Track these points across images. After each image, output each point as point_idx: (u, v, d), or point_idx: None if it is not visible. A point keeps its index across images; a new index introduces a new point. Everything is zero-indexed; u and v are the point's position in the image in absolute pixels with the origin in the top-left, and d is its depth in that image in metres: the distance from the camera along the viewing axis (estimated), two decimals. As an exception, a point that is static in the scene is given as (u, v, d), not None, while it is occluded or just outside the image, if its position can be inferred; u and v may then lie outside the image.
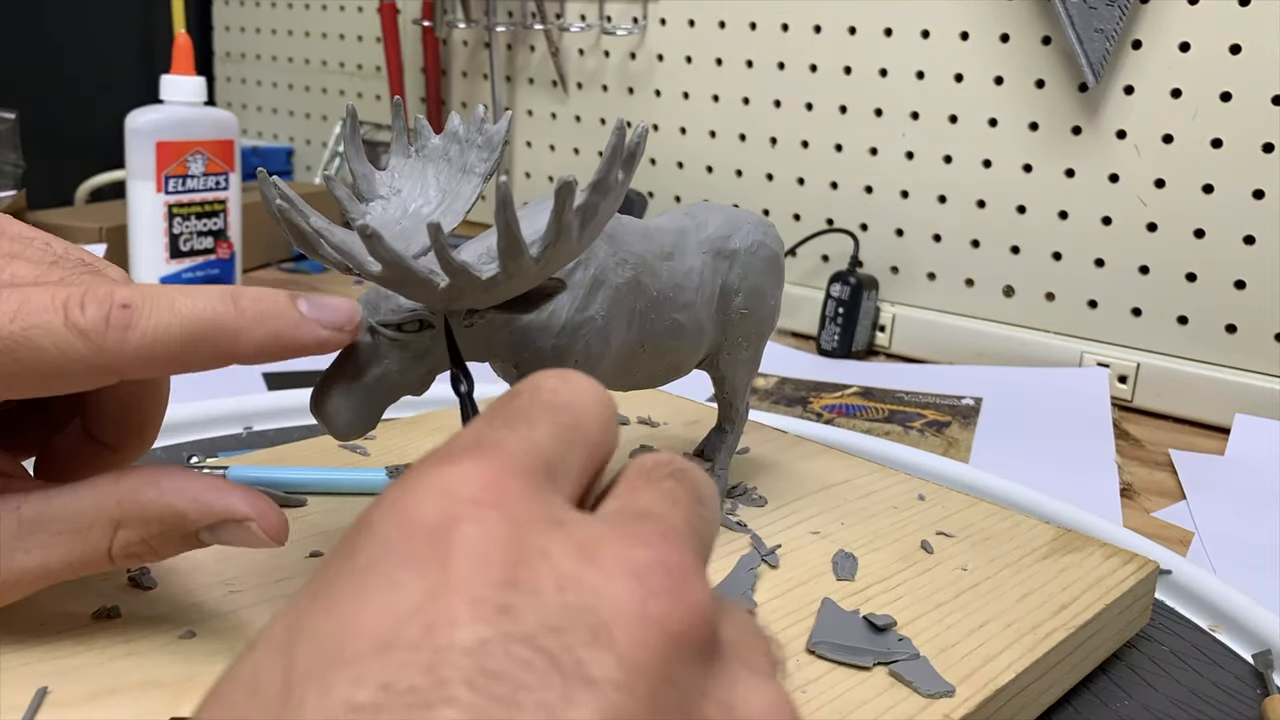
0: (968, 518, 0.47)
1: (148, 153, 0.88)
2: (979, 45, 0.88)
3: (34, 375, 0.28)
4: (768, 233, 0.46)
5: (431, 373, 0.36)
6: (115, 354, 0.28)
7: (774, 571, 0.41)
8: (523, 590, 0.16)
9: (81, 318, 0.28)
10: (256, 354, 0.30)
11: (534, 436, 0.20)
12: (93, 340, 0.28)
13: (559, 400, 0.21)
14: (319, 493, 0.46)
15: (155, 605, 0.36)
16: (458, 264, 0.30)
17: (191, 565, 0.38)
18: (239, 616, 0.36)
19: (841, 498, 0.48)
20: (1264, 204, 0.77)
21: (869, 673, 0.35)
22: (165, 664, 0.33)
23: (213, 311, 0.29)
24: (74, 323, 0.28)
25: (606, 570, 0.17)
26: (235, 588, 0.37)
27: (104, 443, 0.35)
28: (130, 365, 0.29)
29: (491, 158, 0.37)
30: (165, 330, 0.29)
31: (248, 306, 0.30)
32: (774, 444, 0.54)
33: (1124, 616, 0.43)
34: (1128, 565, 0.44)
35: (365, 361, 0.34)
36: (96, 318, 0.28)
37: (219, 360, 0.30)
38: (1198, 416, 0.80)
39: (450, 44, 1.27)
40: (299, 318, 0.30)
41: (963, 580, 0.42)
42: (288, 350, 0.30)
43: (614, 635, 0.16)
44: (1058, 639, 0.38)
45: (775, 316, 0.47)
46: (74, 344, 0.28)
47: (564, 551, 0.17)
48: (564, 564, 0.17)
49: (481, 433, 0.20)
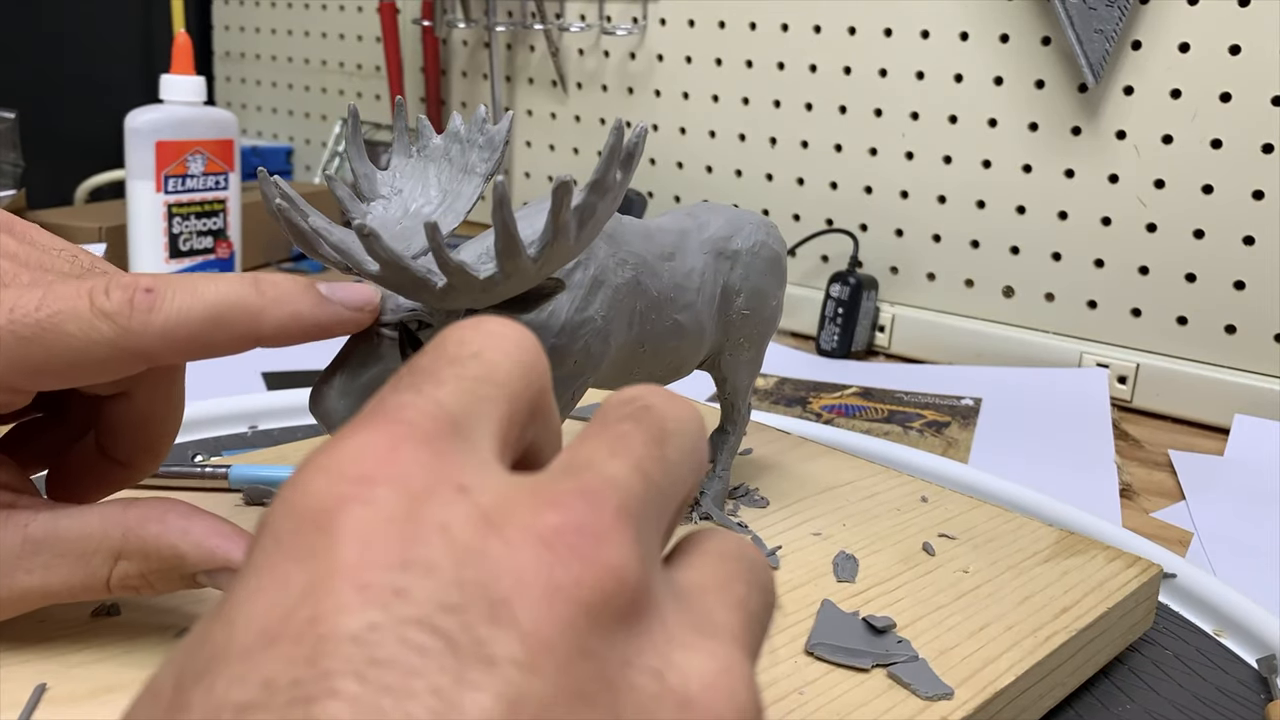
0: (970, 520, 0.47)
1: (147, 152, 0.88)
2: (979, 46, 0.88)
3: (62, 363, 0.29)
4: (770, 233, 0.46)
5: None
6: (140, 335, 0.29)
7: (774, 573, 0.41)
8: (417, 570, 0.15)
9: (107, 302, 0.28)
10: (277, 334, 0.30)
11: (439, 395, 0.18)
12: (118, 323, 0.28)
13: (466, 351, 0.19)
14: None
15: (155, 604, 0.36)
16: (455, 264, 0.30)
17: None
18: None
19: (844, 499, 0.48)
20: (1264, 204, 0.77)
21: (867, 674, 0.35)
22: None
23: (234, 293, 0.30)
24: (99, 307, 0.28)
25: (510, 540, 0.16)
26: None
27: (116, 459, 0.35)
28: (155, 347, 0.29)
29: (493, 158, 0.37)
30: (188, 312, 0.29)
31: (268, 289, 0.30)
32: (777, 445, 0.54)
33: (1126, 620, 0.43)
34: (1131, 569, 0.44)
35: (364, 361, 0.34)
36: (121, 301, 0.28)
37: (241, 342, 0.30)
38: (1197, 417, 0.80)
39: (450, 44, 1.27)
40: (319, 298, 0.31)
41: (964, 582, 0.41)
42: (308, 331, 0.31)
43: (516, 611, 0.15)
44: (1059, 642, 0.38)
45: (777, 317, 0.47)
46: (100, 328, 0.28)
47: (465, 522, 0.16)
48: (464, 536, 0.16)
49: (382, 399, 0.18)
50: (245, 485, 0.45)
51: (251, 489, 0.45)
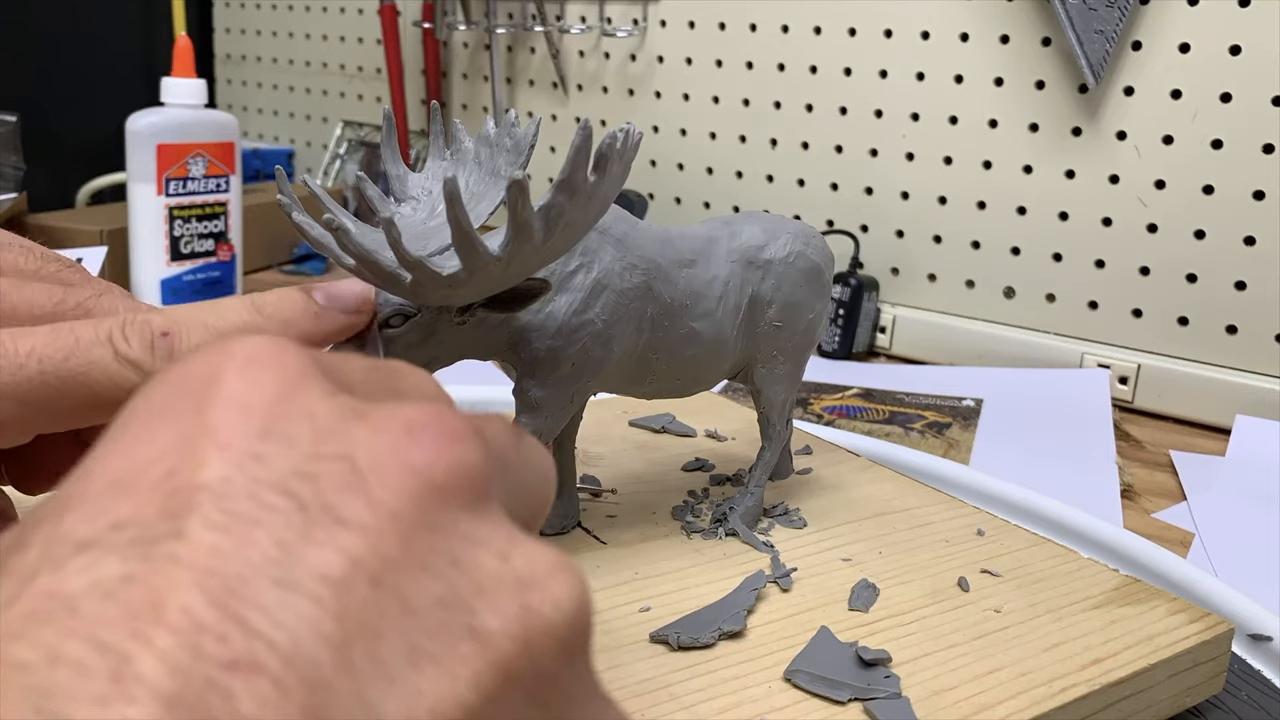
0: (1024, 557, 0.44)
1: (148, 155, 0.88)
2: (979, 46, 0.88)
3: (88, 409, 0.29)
4: (809, 243, 0.44)
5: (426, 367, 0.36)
6: None
7: (783, 595, 0.40)
8: (278, 440, 0.16)
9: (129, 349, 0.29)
10: None
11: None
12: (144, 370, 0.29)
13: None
14: None
15: None
16: (414, 259, 0.31)
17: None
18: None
19: (891, 526, 0.46)
20: (1264, 205, 0.77)
21: (843, 708, 0.33)
22: None
23: (242, 323, 0.30)
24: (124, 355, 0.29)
25: (375, 426, 0.16)
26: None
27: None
28: None
29: (518, 161, 0.38)
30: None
31: (272, 312, 0.31)
32: (842, 466, 0.53)
33: (1181, 680, 0.39)
34: (1194, 624, 0.40)
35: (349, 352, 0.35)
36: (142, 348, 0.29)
37: None
38: (1198, 417, 0.80)
39: (450, 46, 1.27)
40: (318, 309, 0.32)
41: (989, 622, 0.39)
42: (316, 344, 0.32)
43: (369, 482, 0.15)
44: (1075, 695, 0.35)
45: (816, 331, 0.45)
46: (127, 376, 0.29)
47: (332, 413, 0.16)
48: (329, 422, 0.16)
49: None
50: None
51: None
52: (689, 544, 0.44)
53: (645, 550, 0.43)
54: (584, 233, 0.34)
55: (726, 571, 0.41)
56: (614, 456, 0.53)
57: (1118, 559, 0.51)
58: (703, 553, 0.43)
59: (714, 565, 0.42)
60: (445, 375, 0.49)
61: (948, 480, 0.59)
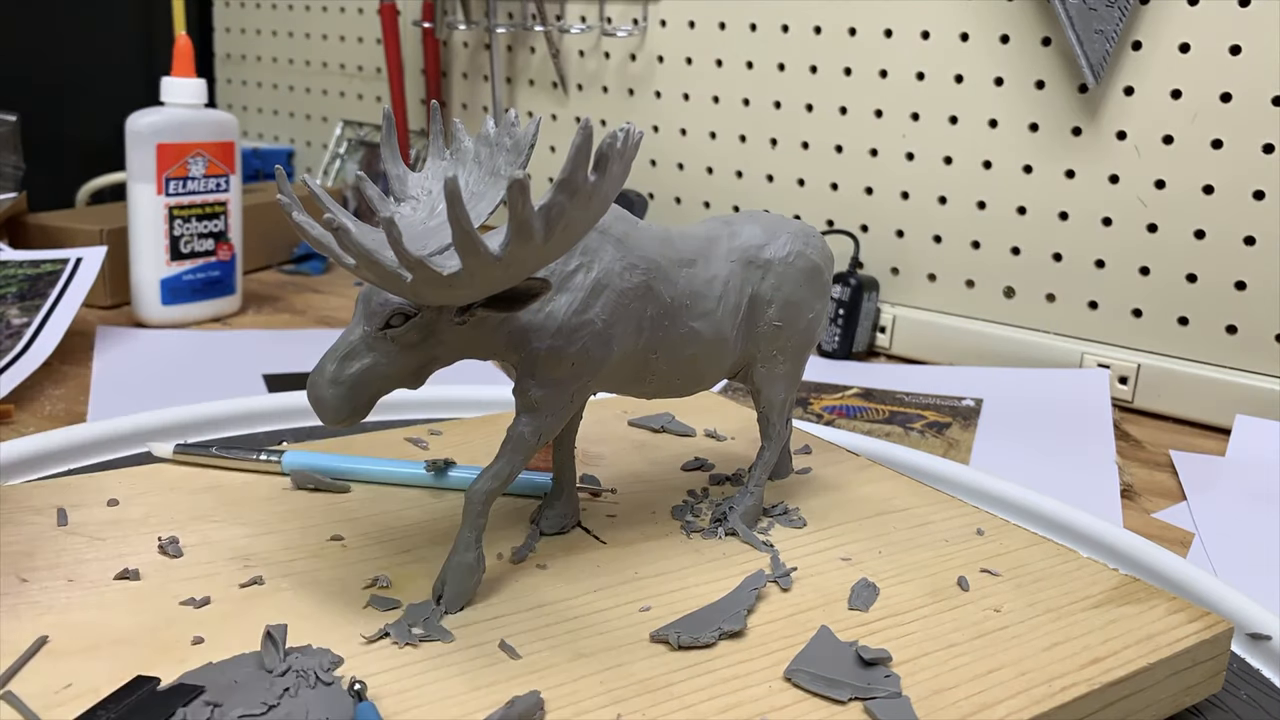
0: (1023, 557, 0.44)
1: (148, 155, 0.88)
2: (979, 46, 0.88)
3: None
4: (809, 243, 0.44)
5: (425, 367, 0.37)
6: None
7: (783, 594, 0.40)
8: None
9: None
10: None
11: None
12: None
13: None
14: (363, 481, 0.48)
15: (173, 573, 0.38)
16: (414, 258, 0.31)
17: (218, 539, 0.41)
18: (250, 590, 0.38)
19: (890, 526, 0.46)
20: (1264, 205, 0.77)
21: (843, 707, 0.33)
22: (161, 627, 0.35)
23: None
24: None
25: None
26: (252, 564, 0.39)
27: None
28: None
29: (518, 161, 0.38)
30: None
31: None
32: (842, 465, 0.53)
33: (1180, 679, 0.39)
34: (1193, 623, 0.40)
35: (354, 353, 0.35)
36: None
37: None
38: (1198, 417, 0.80)
39: (450, 45, 1.27)
40: None
41: (989, 622, 0.39)
42: None
43: None
44: (1075, 694, 0.35)
45: (816, 330, 0.46)
46: None
47: None
48: None
49: None
50: (295, 471, 0.47)
51: (298, 474, 0.47)
52: (689, 544, 0.44)
53: (645, 550, 0.43)
54: (584, 232, 0.34)
55: (726, 571, 0.41)
56: (614, 456, 0.53)
57: (1117, 558, 0.51)
58: (702, 552, 0.43)
59: (714, 565, 0.42)
60: (445, 375, 0.49)
61: (947, 480, 0.59)
